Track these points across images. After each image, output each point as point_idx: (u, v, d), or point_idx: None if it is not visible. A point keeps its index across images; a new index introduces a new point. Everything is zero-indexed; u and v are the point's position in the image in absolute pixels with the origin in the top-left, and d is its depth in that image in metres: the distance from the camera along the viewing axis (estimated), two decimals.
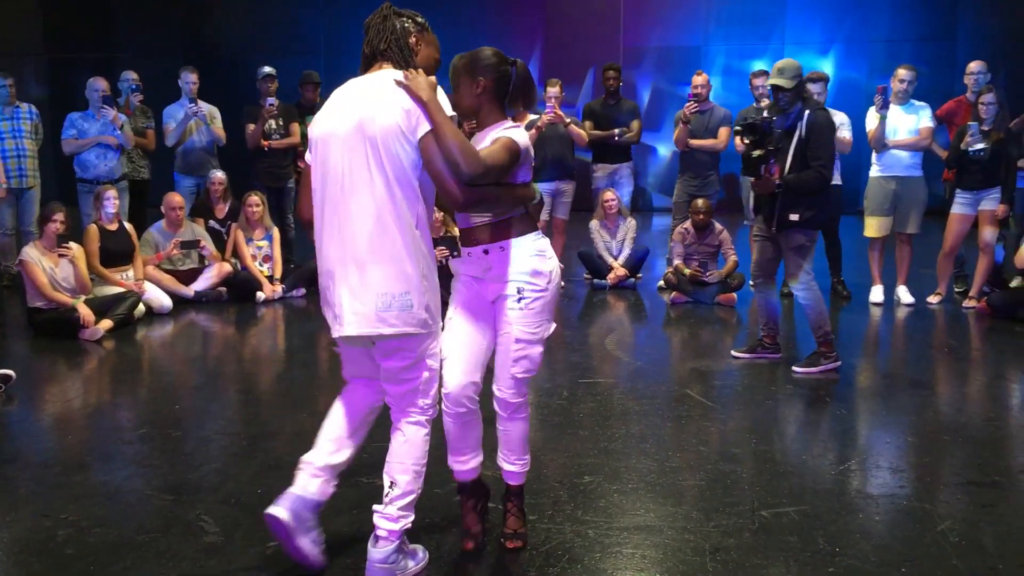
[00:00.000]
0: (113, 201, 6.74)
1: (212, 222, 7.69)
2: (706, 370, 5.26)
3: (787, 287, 7.33)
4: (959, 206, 6.82)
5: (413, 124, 2.60)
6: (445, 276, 3.13)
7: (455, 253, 7.73)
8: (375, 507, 2.76)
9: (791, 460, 3.82)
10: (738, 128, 5.25)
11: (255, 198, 7.51)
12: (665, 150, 13.88)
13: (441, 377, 2.88)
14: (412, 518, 2.76)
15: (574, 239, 8.60)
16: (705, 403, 4.61)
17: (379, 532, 2.71)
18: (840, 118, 7.09)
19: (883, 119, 6.81)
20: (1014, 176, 6.73)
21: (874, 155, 7.04)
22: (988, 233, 6.75)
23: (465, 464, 3.01)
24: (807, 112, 5.03)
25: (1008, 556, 2.91)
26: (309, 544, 2.80)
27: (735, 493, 3.43)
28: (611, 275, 7.71)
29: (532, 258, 2.86)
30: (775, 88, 5.07)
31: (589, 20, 14.09)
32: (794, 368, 5.15)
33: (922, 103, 6.99)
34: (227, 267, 7.35)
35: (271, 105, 7.83)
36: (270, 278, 7.43)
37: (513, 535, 3.01)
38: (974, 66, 7.29)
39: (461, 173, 2.58)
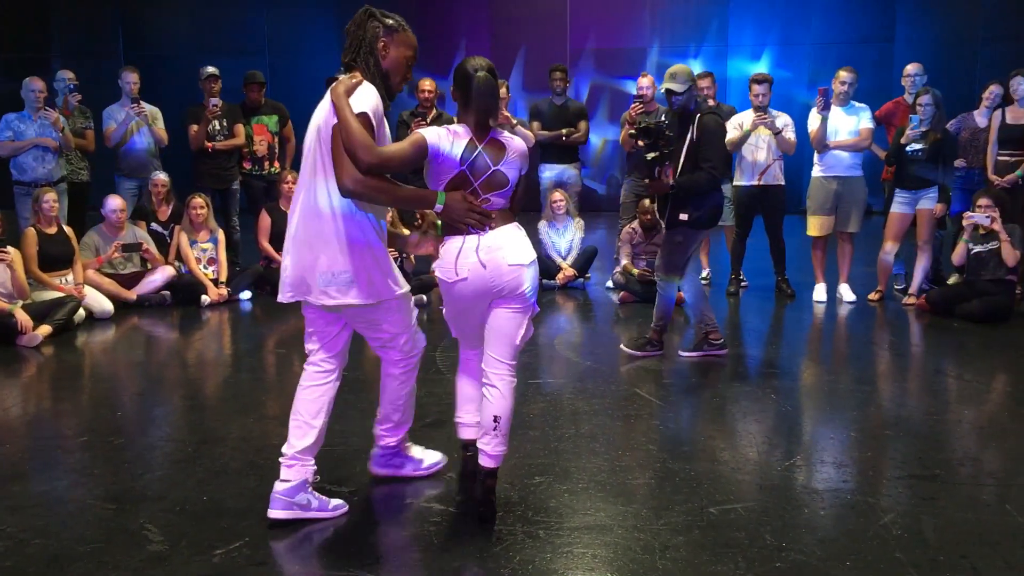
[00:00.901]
0: (52, 204, 6.58)
1: (154, 225, 7.55)
2: (654, 369, 5.30)
3: (732, 287, 7.46)
4: (898, 205, 6.97)
5: (331, 124, 2.94)
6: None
7: (405, 254, 7.71)
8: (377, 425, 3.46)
9: (738, 457, 3.86)
10: (632, 131, 5.37)
11: (199, 200, 7.40)
12: (596, 139, 13.98)
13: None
14: (399, 438, 3.49)
15: None
16: (654, 402, 4.65)
17: (381, 443, 3.48)
18: (784, 119, 7.20)
19: (824, 120, 6.94)
20: (951, 176, 6.90)
21: (816, 155, 7.17)
22: (926, 231, 6.91)
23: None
24: (698, 116, 5.22)
25: (948, 547, 2.98)
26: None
27: (684, 491, 3.46)
28: (560, 275, 7.74)
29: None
30: (668, 92, 5.25)
31: (535, 21, 14.14)
32: (623, 346, 5.61)
33: (862, 104, 7.13)
34: (170, 270, 7.23)
35: (215, 106, 7.72)
36: (215, 281, 7.32)
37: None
38: (911, 68, 7.47)
39: (359, 162, 2.86)
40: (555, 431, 4.14)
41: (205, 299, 7.13)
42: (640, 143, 5.33)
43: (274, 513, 3.14)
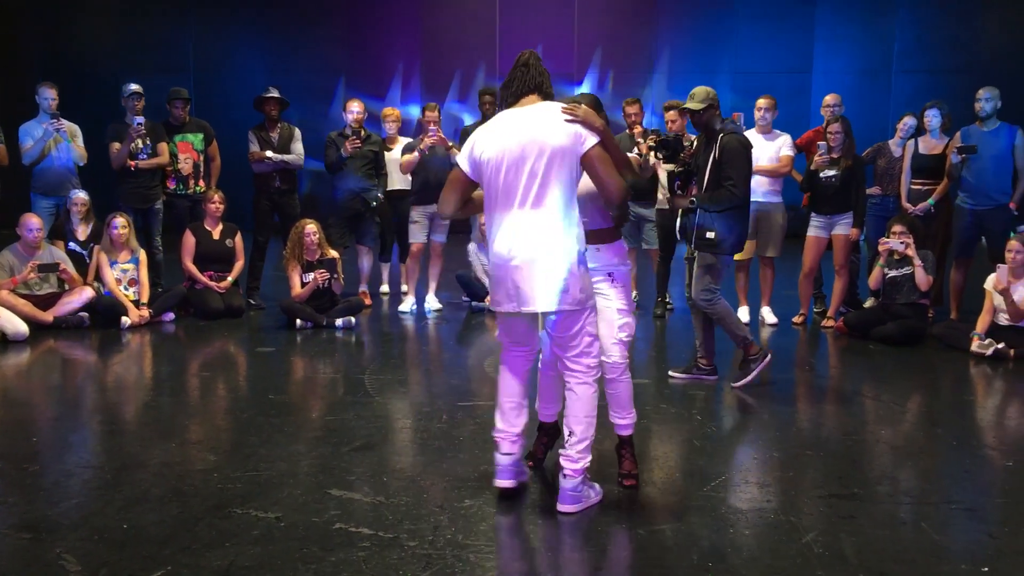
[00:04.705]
0: None
1: (73, 244, 7.35)
2: None
3: (659, 309, 7.58)
4: (814, 229, 7.17)
5: (579, 145, 3.30)
6: (328, 299, 3.11)
7: (335, 275, 7.68)
8: (560, 451, 3.50)
9: (665, 478, 3.91)
10: (651, 144, 5.44)
11: (120, 219, 7.22)
12: None
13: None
14: (590, 458, 3.49)
15: (452, 262, 8.61)
16: None
17: (566, 471, 3.44)
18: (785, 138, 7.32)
19: None
20: (863, 201, 7.13)
21: None
22: (842, 256, 7.11)
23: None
24: (721, 135, 5.27)
25: (868, 565, 3.06)
26: (586, 501, 3.52)
27: (612, 512, 3.49)
28: (489, 298, 7.76)
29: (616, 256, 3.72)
30: (689, 112, 5.36)
31: (467, 46, 14.23)
32: (732, 384, 5.43)
33: (782, 132, 7.33)
34: (89, 291, 7.03)
35: (139, 124, 7.55)
36: (136, 302, 7.15)
37: (628, 475, 3.75)
38: (831, 99, 7.71)
39: (629, 180, 3.48)
40: (485, 454, 4.13)
41: (126, 321, 6.95)
42: (657, 156, 5.39)
43: (567, 508, 3.45)
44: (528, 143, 3.30)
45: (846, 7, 13.88)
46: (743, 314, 7.31)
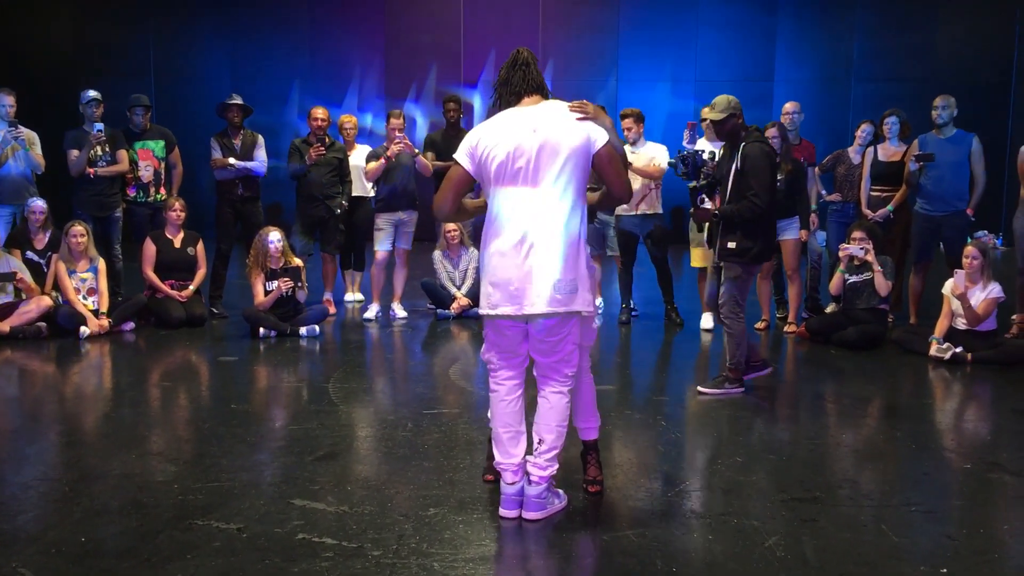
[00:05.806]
0: None
1: (30, 253, 7.24)
2: None
3: (623, 316, 7.61)
4: None
5: (591, 144, 3.33)
6: (292, 307, 3.00)
7: (299, 284, 7.61)
8: (528, 457, 3.47)
9: (629, 484, 3.92)
10: (672, 161, 5.44)
11: (79, 228, 7.12)
12: None
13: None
14: (557, 467, 3.49)
15: (417, 269, 8.59)
16: None
17: (532, 477, 3.44)
18: (656, 150, 7.30)
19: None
20: (807, 203, 7.21)
21: None
22: (793, 260, 7.17)
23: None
24: (743, 144, 5.20)
25: (829, 568, 3.09)
26: (550, 508, 3.50)
27: (577, 519, 3.49)
28: (454, 305, 7.75)
29: None
30: (712, 122, 5.31)
31: (429, 52, 14.23)
32: (699, 388, 5.43)
33: None
34: (47, 301, 6.92)
35: (99, 131, 7.45)
36: (95, 312, 7.05)
37: (593, 481, 3.75)
38: (790, 106, 7.82)
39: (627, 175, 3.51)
40: (450, 461, 4.13)
41: (84, 331, 6.84)
42: (677, 172, 5.36)
43: (531, 514, 3.43)
44: (544, 143, 3.27)
45: (806, 17, 14.08)
46: (706, 320, 7.36)
